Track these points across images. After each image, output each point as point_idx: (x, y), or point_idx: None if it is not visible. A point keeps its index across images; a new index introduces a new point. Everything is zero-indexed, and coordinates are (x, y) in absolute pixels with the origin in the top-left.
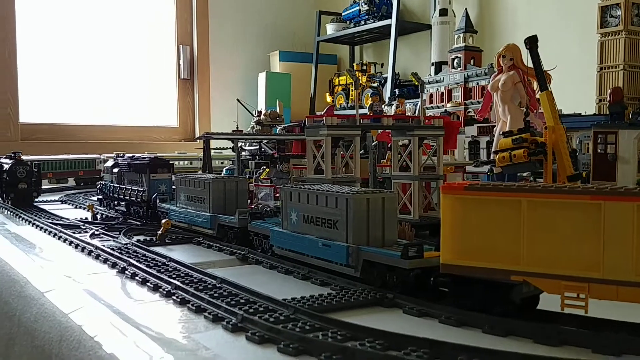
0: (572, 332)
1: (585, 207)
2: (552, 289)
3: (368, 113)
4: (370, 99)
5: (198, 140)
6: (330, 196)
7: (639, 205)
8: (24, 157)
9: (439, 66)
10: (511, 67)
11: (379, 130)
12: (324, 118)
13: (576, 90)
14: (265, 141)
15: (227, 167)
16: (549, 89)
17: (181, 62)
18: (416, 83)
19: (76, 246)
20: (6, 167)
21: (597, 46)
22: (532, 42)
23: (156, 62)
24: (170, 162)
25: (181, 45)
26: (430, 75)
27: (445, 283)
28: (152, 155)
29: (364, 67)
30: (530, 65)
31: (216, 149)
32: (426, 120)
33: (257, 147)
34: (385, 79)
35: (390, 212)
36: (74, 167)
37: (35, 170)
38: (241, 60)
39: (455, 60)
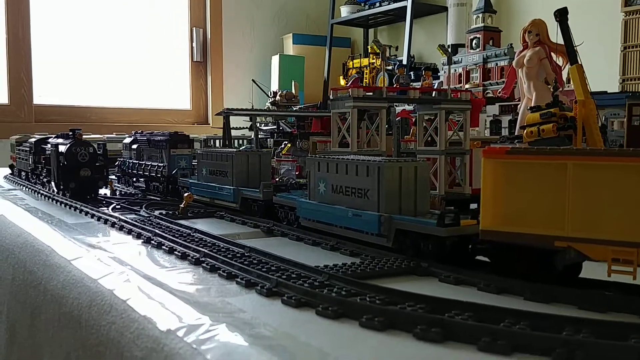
0: (618, 298)
1: (635, 169)
2: (598, 255)
3: (394, 85)
4: (397, 71)
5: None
6: (361, 165)
7: None
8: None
9: (455, 49)
10: (537, 43)
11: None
12: (349, 90)
13: (599, 70)
14: (283, 120)
15: (244, 147)
16: (580, 62)
17: (194, 44)
18: (443, 55)
19: (98, 219)
20: (63, 148)
21: (621, 25)
22: (562, 15)
23: (169, 44)
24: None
25: (194, 28)
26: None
27: (484, 250)
28: (172, 132)
29: (381, 49)
30: (557, 41)
31: (233, 128)
32: (453, 94)
33: (275, 126)
34: (400, 62)
35: (423, 181)
36: None
37: (100, 152)
38: (254, 43)
39: (474, 41)
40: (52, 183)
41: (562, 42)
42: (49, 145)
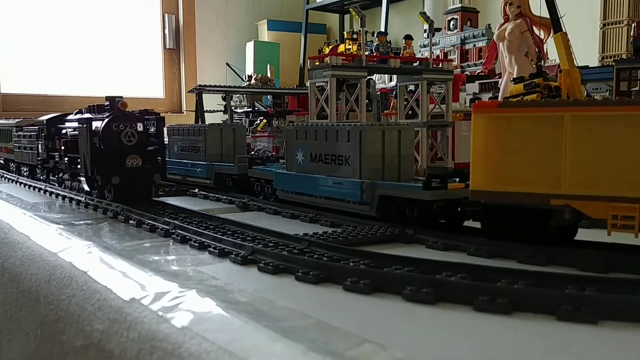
0: (620, 257)
1: (637, 119)
2: (597, 213)
3: (374, 54)
4: (377, 39)
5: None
6: (341, 130)
7: None
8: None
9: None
10: (518, 15)
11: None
12: (328, 58)
13: (579, 46)
14: (259, 101)
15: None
16: (564, 31)
17: (166, 31)
18: (425, 23)
19: (64, 198)
20: (98, 126)
21: (600, 2)
22: None
23: (141, 31)
24: None
25: (166, 14)
26: (425, 37)
27: (474, 213)
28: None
29: (355, 36)
30: (539, 13)
31: (207, 111)
32: (435, 64)
33: (250, 108)
34: (381, 32)
35: (407, 145)
36: None
37: (152, 130)
38: (228, 29)
39: (452, 22)
40: (82, 179)
41: (544, 15)
42: (71, 125)
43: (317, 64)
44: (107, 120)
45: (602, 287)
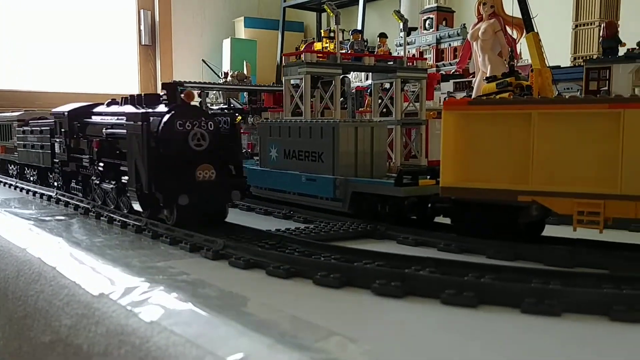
0: (585, 252)
1: (603, 116)
2: (563, 209)
3: (349, 51)
4: (351, 37)
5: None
6: (315, 127)
7: None
8: None
9: (408, 32)
10: (492, 15)
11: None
12: (302, 55)
13: (551, 47)
14: (235, 98)
15: None
16: (536, 31)
17: (142, 27)
18: (399, 20)
19: (34, 194)
20: (154, 123)
21: (572, 3)
22: None
23: (116, 27)
24: None
25: (142, 10)
26: (401, 37)
27: (444, 209)
28: None
29: (332, 34)
30: (512, 14)
31: None
32: (409, 62)
33: (225, 105)
34: (356, 30)
35: (380, 143)
36: None
37: (227, 126)
38: (205, 26)
39: (427, 22)
40: (132, 196)
41: (517, 15)
42: (106, 120)
43: (291, 60)
44: (169, 116)
45: (566, 281)
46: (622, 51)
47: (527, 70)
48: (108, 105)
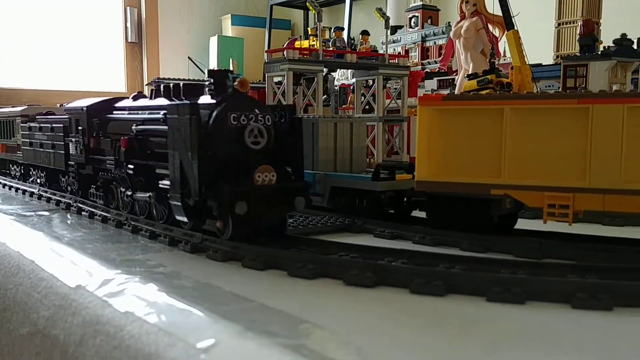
0: (554, 244)
1: (572, 112)
2: (534, 202)
3: (331, 48)
4: (334, 34)
5: (147, 87)
6: None
7: (629, 107)
8: None
9: (394, 30)
10: (474, 13)
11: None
12: (285, 51)
13: (534, 45)
14: None
15: None
16: (516, 29)
17: (129, 24)
18: (381, 18)
19: (17, 190)
20: (203, 117)
21: (555, 2)
22: None
23: (102, 24)
24: None
25: (128, 7)
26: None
27: (420, 203)
28: None
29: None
30: (493, 12)
31: None
32: (391, 60)
33: None
34: (338, 27)
35: (359, 138)
36: None
37: (284, 119)
38: (192, 23)
39: (413, 20)
40: (175, 205)
41: (498, 13)
42: (138, 114)
43: (274, 57)
44: (221, 108)
45: (534, 271)
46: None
47: (508, 67)
48: (135, 98)
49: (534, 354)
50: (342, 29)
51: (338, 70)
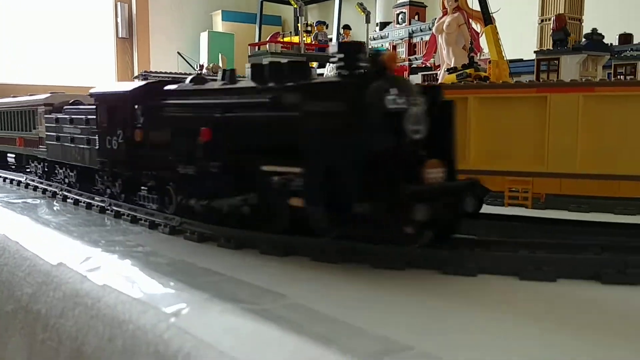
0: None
1: (531, 100)
2: (497, 186)
3: (312, 42)
4: (315, 28)
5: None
6: None
7: (584, 96)
8: None
9: (383, 26)
10: (456, 9)
11: None
12: (267, 44)
13: (517, 41)
14: None
15: None
16: (494, 24)
17: (119, 20)
18: (362, 13)
19: (4, 179)
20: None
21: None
22: None
23: (92, 20)
24: None
25: (119, 3)
26: (375, 31)
27: None
28: None
29: (309, 28)
30: (475, 7)
31: None
32: None
33: None
34: (330, 40)
35: None
36: None
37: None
38: (183, 19)
39: (400, 16)
40: (316, 216)
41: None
42: (219, 99)
43: (257, 50)
44: (374, 88)
45: (485, 247)
46: None
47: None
48: (196, 81)
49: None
50: (324, 22)
51: (327, 65)
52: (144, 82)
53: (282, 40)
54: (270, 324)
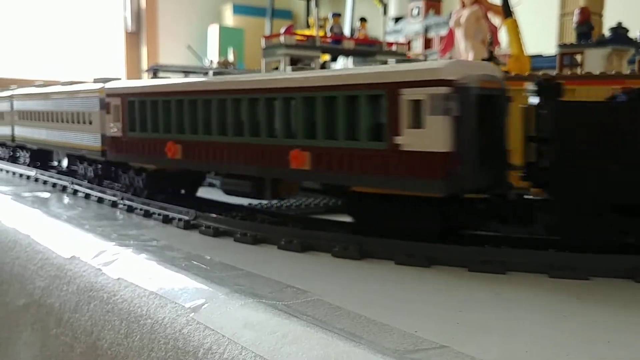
0: None
1: None
2: None
3: (329, 35)
4: (332, 20)
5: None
6: None
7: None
8: None
9: (397, 21)
10: (474, 2)
11: None
12: (282, 37)
13: (538, 36)
14: None
15: None
16: (514, 17)
17: (127, 14)
18: (379, 5)
19: (13, 173)
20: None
21: None
22: None
23: (101, 14)
24: None
25: None
26: (389, 25)
27: None
28: None
29: (321, 22)
30: (493, 1)
31: None
32: (388, 47)
33: None
34: (335, 14)
35: None
36: None
37: None
38: (192, 12)
39: (415, 10)
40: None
41: (498, 3)
42: None
43: (272, 42)
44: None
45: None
46: None
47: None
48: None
49: None
50: (339, 15)
51: (339, 58)
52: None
53: (297, 32)
54: (293, 319)
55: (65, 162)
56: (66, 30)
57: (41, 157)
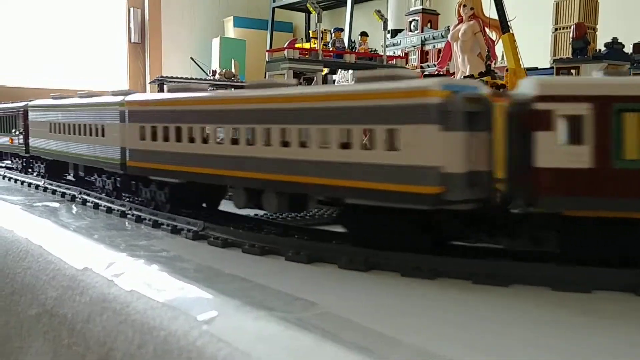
0: None
1: None
2: None
3: (330, 49)
4: (333, 34)
5: (151, 84)
6: None
7: None
8: None
9: (395, 34)
10: (471, 17)
11: None
12: (285, 51)
13: (531, 50)
14: None
15: None
16: (511, 32)
17: (132, 25)
18: (380, 20)
19: (22, 183)
20: None
21: (552, 7)
22: None
23: (105, 25)
24: None
25: (132, 8)
26: (387, 38)
27: None
28: None
29: (321, 35)
30: (490, 15)
31: None
32: (389, 60)
33: None
34: (338, 28)
35: None
36: None
37: None
38: (195, 24)
39: (412, 23)
40: None
41: (495, 17)
42: None
43: (275, 56)
44: None
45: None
46: None
47: (504, 70)
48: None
49: None
50: (341, 29)
51: (339, 71)
52: None
53: (300, 46)
54: (305, 332)
55: (82, 174)
56: (70, 40)
57: (57, 169)
